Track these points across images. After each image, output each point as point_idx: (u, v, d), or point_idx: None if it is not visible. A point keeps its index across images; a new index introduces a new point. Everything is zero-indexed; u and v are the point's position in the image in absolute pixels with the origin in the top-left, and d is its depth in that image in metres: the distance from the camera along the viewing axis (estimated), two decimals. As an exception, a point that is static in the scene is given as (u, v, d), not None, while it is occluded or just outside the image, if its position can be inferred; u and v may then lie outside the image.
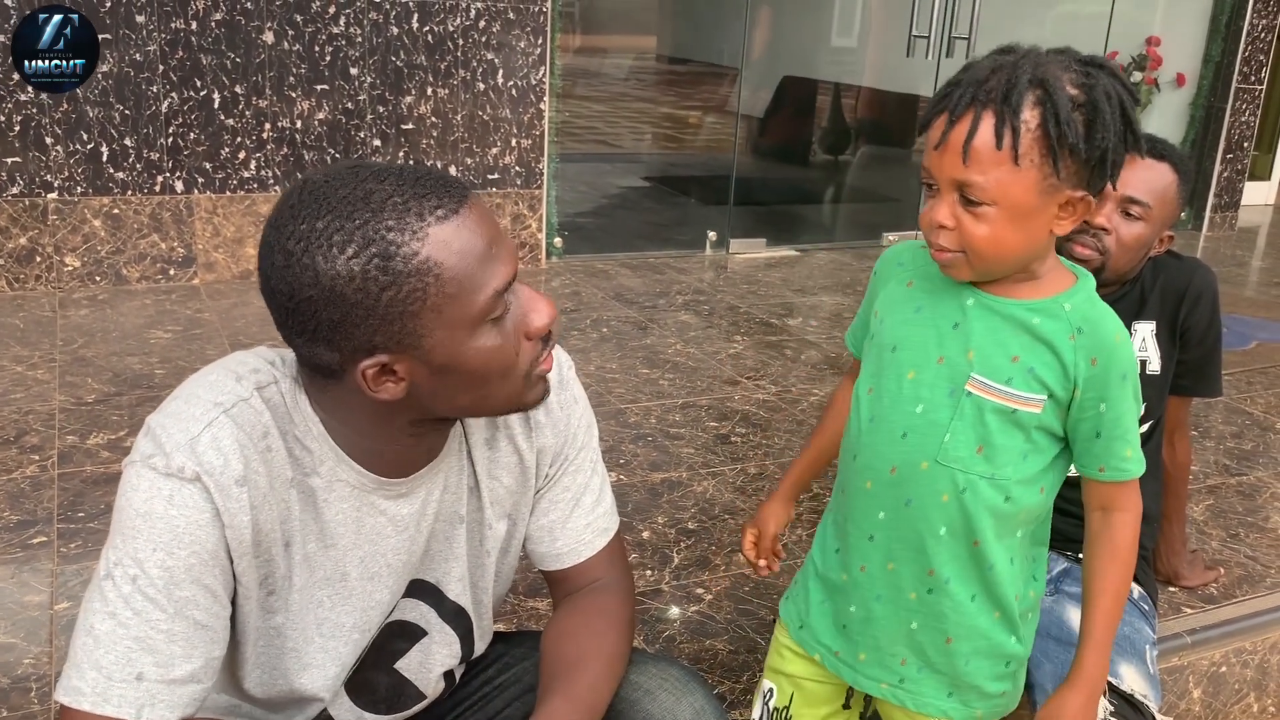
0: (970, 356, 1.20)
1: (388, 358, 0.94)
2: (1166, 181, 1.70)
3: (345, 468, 1.03)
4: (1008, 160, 1.09)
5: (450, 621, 1.18)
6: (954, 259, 1.16)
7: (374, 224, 0.91)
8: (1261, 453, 2.89)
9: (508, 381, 1.02)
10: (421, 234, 0.91)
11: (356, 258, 0.90)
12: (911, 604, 1.28)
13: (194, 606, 0.95)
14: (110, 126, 3.54)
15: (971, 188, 1.10)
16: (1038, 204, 1.12)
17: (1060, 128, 1.08)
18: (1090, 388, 1.18)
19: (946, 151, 1.11)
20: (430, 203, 0.93)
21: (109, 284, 3.67)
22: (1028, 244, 1.15)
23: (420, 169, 0.97)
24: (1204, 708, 2.05)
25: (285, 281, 0.92)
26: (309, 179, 0.95)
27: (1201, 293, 1.77)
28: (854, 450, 1.30)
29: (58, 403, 2.68)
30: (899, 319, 1.26)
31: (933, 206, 1.15)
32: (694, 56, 6.64)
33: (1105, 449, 1.20)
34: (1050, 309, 1.19)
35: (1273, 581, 2.20)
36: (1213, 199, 6.11)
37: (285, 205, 0.94)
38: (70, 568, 1.95)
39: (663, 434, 2.74)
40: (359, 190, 0.92)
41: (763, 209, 5.71)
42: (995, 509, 1.22)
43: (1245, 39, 5.85)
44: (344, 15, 3.76)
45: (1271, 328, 4.19)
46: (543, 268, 4.36)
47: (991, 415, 1.19)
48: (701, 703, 1.19)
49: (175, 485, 0.93)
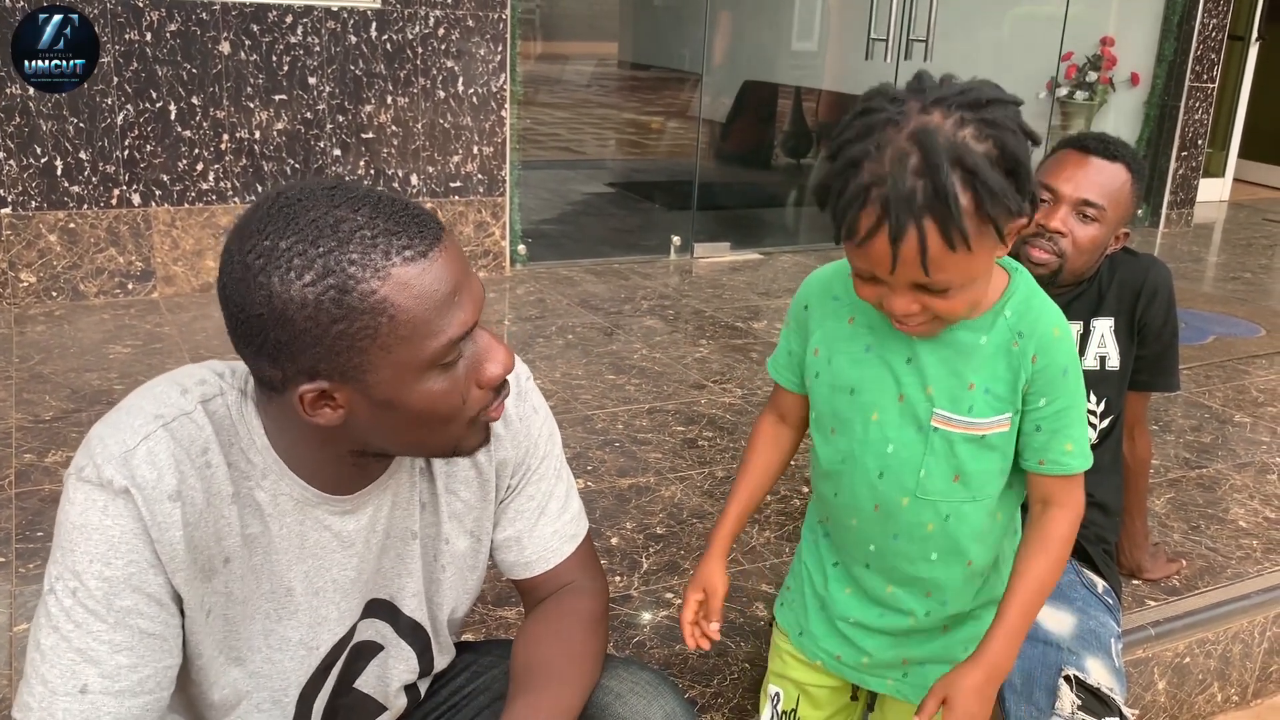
0: (929, 392, 1.20)
1: (328, 385, 0.92)
2: (1121, 181, 1.72)
3: (288, 482, 1.02)
4: (963, 250, 1.04)
5: (407, 638, 1.17)
6: (921, 328, 1.15)
7: (337, 254, 0.88)
8: (1220, 445, 2.94)
9: (449, 426, 1.00)
10: (384, 273, 0.89)
11: (313, 285, 0.88)
12: (910, 624, 1.32)
13: (137, 615, 0.94)
14: (65, 140, 3.49)
15: (934, 283, 1.07)
16: (990, 256, 1.10)
17: (995, 200, 1.02)
18: (1034, 383, 1.19)
19: (902, 265, 1.05)
20: (399, 241, 0.90)
21: (66, 299, 3.62)
22: (985, 286, 1.15)
23: (398, 202, 0.93)
24: (1169, 698, 2.08)
25: (239, 293, 0.91)
26: (284, 192, 0.93)
27: (1157, 289, 1.80)
28: (833, 488, 1.30)
29: (15, 421, 2.64)
30: (849, 359, 1.24)
31: (889, 298, 1.10)
32: (655, 62, 6.65)
33: (1045, 443, 1.21)
34: (992, 322, 1.19)
35: (1233, 572, 2.23)
36: (1168, 196, 6.20)
37: (254, 215, 0.92)
38: (29, 588, 1.92)
39: (630, 439, 2.73)
40: (330, 216, 0.90)
41: (726, 213, 5.73)
42: (981, 526, 1.25)
43: (1197, 38, 5.95)
44: (301, 24, 3.73)
45: (1228, 322, 4.26)
46: (507, 275, 4.35)
47: (962, 445, 1.20)
48: (672, 705, 1.18)
49: (108, 497, 0.92)
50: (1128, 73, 6.05)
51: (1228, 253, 5.81)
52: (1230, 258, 5.66)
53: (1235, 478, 2.72)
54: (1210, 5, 5.93)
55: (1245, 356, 3.80)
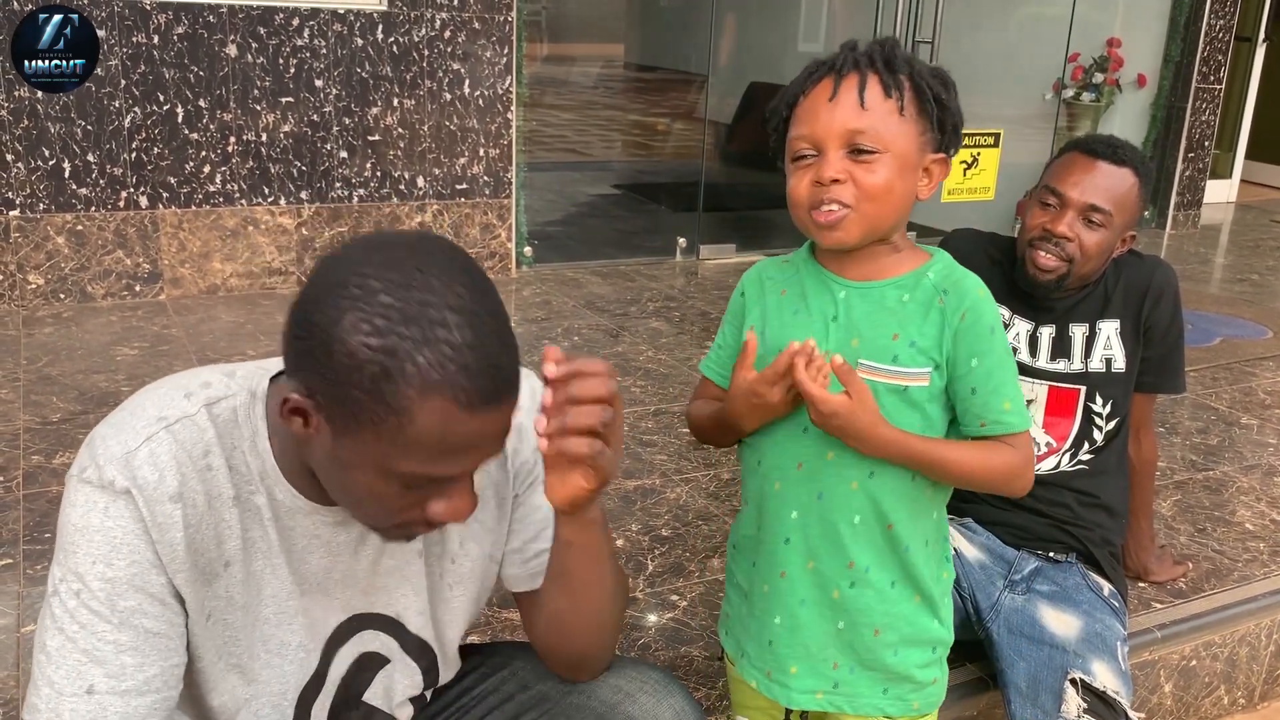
0: (854, 344, 1.24)
1: (311, 406, 0.91)
2: (1128, 186, 1.72)
3: (282, 488, 1.02)
4: (895, 110, 1.19)
5: (413, 654, 1.16)
6: (842, 217, 1.20)
7: (410, 347, 0.86)
8: (1227, 448, 2.93)
9: (376, 516, 0.99)
10: (429, 393, 0.87)
11: (369, 350, 0.86)
12: (836, 602, 1.29)
13: (141, 615, 0.94)
14: (72, 142, 3.50)
15: (865, 135, 1.17)
16: (916, 158, 1.21)
17: (931, 89, 1.20)
18: (961, 343, 1.22)
19: (839, 105, 1.18)
20: (464, 383, 0.88)
21: (74, 301, 3.63)
22: (905, 199, 1.22)
23: (500, 341, 0.90)
24: (1175, 701, 2.08)
25: (313, 299, 0.90)
26: (424, 249, 0.91)
27: (1163, 290, 1.80)
28: (757, 457, 1.32)
29: (22, 422, 2.65)
30: (778, 325, 1.30)
31: (818, 167, 1.20)
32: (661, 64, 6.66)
33: (983, 404, 1.23)
34: (915, 281, 1.25)
35: (1240, 575, 2.22)
36: (1175, 198, 6.19)
37: (392, 246, 0.90)
38: (37, 590, 1.93)
39: (635, 441, 2.74)
40: (438, 313, 0.87)
41: (732, 215, 5.73)
42: (903, 489, 1.26)
43: (1204, 39, 5.93)
44: (308, 27, 3.74)
45: (1235, 324, 4.25)
46: (513, 277, 4.36)
47: (885, 396, 1.23)
48: (682, 704, 1.19)
49: (109, 498, 0.92)
50: (1134, 74, 6.04)
51: (1234, 254, 5.80)
52: (1237, 259, 5.65)
53: (1242, 480, 2.71)
54: (1217, 6, 5.92)
55: (1252, 358, 3.79)
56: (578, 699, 1.21)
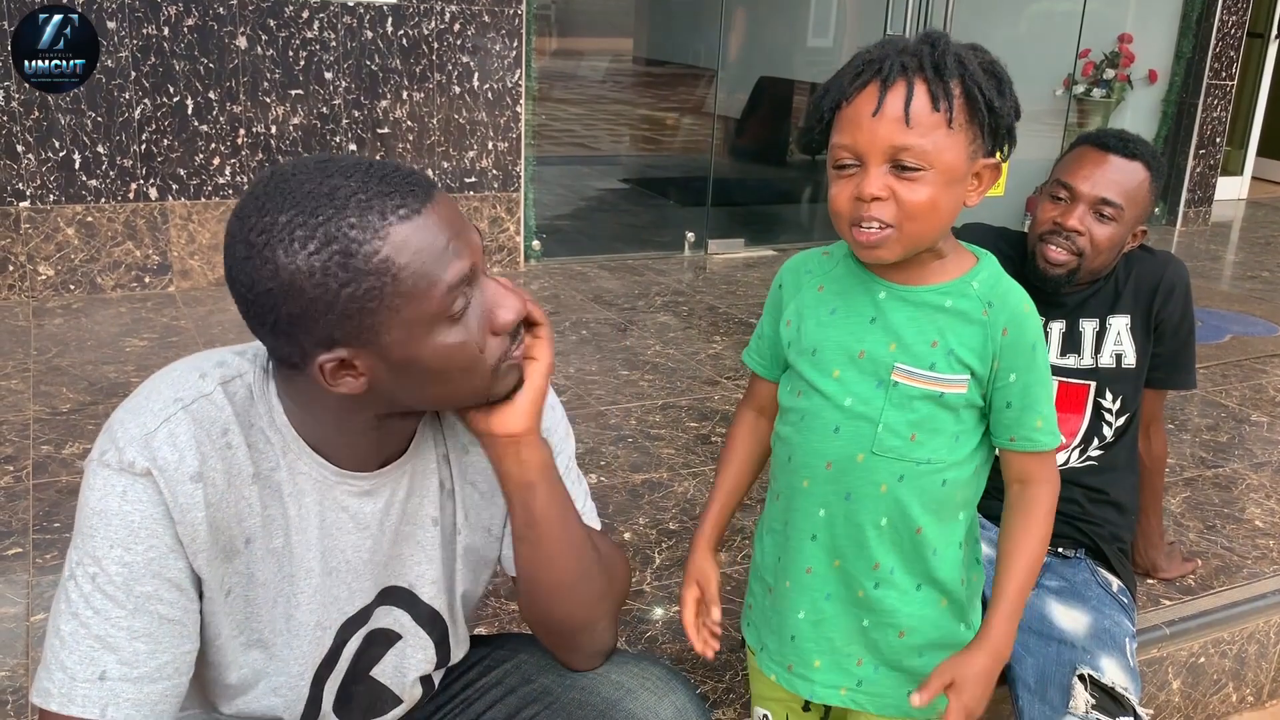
0: (892, 348, 1.22)
1: (347, 353, 0.94)
2: (1139, 180, 1.71)
3: (306, 460, 1.02)
4: (944, 124, 1.12)
5: (425, 626, 1.17)
6: (884, 237, 1.15)
7: (336, 220, 0.90)
8: (1237, 445, 2.92)
9: (472, 376, 1.00)
10: (383, 233, 0.91)
11: (317, 254, 0.90)
12: (861, 600, 1.29)
13: (157, 601, 0.95)
14: (82, 134, 3.51)
15: (910, 151, 1.11)
16: (964, 169, 1.15)
17: (983, 94, 1.13)
18: (1003, 358, 1.21)
19: (883, 118, 1.11)
20: (393, 201, 0.92)
21: (83, 292, 3.64)
22: (951, 211, 1.18)
23: (387, 165, 0.96)
24: (1183, 698, 2.07)
25: (246, 273, 0.92)
26: (276, 171, 0.95)
27: (1174, 286, 1.79)
28: (788, 453, 1.30)
29: (32, 413, 2.66)
30: (815, 323, 1.27)
31: (859, 181, 1.14)
32: (670, 58, 6.66)
33: (1015, 419, 1.23)
34: (960, 289, 1.22)
35: (1249, 572, 2.22)
36: (1186, 194, 6.16)
37: (251, 197, 0.94)
38: (46, 579, 1.93)
39: (643, 435, 2.74)
40: (324, 186, 0.91)
41: (741, 209, 5.72)
42: (933, 494, 1.24)
43: (1215, 35, 5.91)
44: (317, 19, 3.74)
45: (1246, 321, 4.23)
46: (521, 270, 4.36)
47: (920, 402, 1.21)
48: (683, 701, 1.19)
49: (128, 481, 0.93)
50: (1145, 70, 6.02)
51: (1245, 251, 5.78)
52: (1248, 256, 5.63)
53: (1252, 477, 2.70)
54: (1229, 2, 5.89)
55: (1263, 355, 3.78)
56: (579, 695, 1.21)
